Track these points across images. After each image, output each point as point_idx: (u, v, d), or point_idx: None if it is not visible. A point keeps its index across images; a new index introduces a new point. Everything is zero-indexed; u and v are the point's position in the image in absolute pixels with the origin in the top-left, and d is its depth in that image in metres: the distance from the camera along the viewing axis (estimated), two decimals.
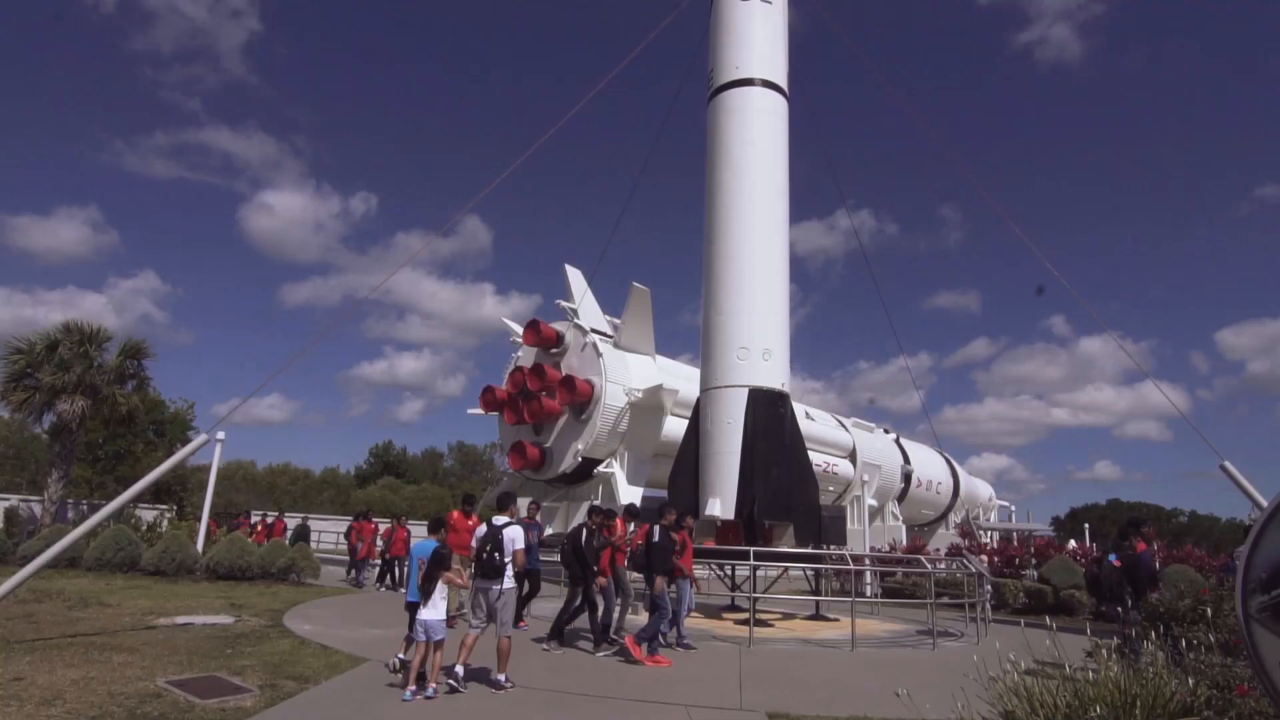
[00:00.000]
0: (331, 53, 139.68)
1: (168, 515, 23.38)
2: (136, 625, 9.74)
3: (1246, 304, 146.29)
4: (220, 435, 18.02)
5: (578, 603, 9.53)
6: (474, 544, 7.23)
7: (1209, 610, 6.06)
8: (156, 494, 29.00)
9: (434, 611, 6.67)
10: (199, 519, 19.09)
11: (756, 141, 14.70)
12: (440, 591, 6.74)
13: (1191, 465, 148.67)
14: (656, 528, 9.63)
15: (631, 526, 11.07)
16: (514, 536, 6.94)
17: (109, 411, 21.85)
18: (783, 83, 15.42)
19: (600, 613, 9.53)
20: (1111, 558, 8.83)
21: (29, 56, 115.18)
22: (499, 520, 7.12)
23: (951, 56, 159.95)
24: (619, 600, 9.89)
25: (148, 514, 23.39)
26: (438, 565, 6.78)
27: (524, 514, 11.04)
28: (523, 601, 10.59)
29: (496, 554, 6.85)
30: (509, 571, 6.90)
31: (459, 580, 7.20)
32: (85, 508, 23.86)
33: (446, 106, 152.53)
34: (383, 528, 19.08)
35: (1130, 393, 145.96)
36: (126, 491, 9.67)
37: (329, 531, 32.80)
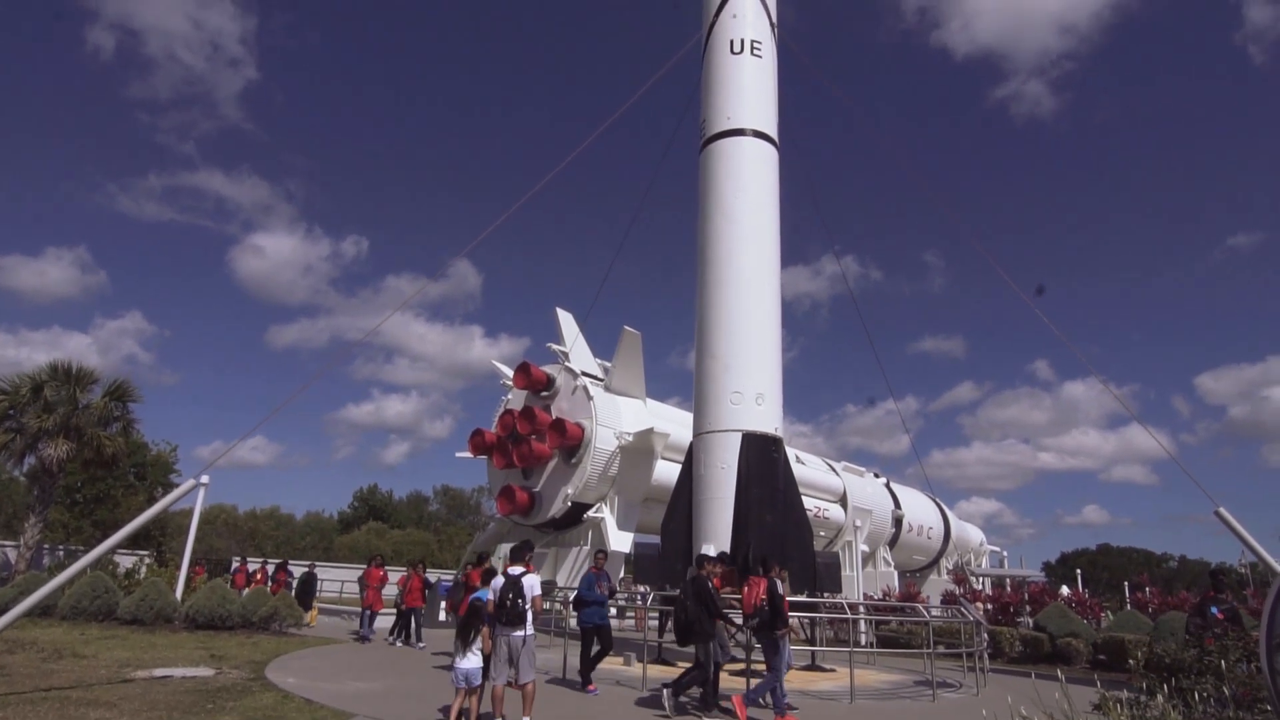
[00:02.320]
0: (327, 100, 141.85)
1: (146, 561, 22.77)
2: (113, 678, 9.41)
3: (1224, 350, 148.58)
4: (204, 479, 17.69)
5: (708, 661, 8.72)
6: (494, 593, 7.43)
7: (1221, 662, 5.97)
8: (135, 539, 28.27)
9: (473, 660, 6.96)
10: (179, 565, 18.58)
11: (748, 189, 14.93)
12: (478, 641, 7.05)
13: (1177, 509, 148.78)
14: (777, 582, 9.19)
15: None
16: (532, 584, 7.25)
17: (91, 454, 21.47)
18: (773, 133, 15.75)
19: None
20: (1214, 610, 9.23)
21: (23, 99, 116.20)
22: (515, 570, 7.34)
23: (933, 109, 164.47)
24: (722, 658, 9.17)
25: (126, 560, 22.80)
26: (475, 615, 7.15)
27: (593, 563, 10.76)
28: (591, 662, 10.06)
29: (520, 600, 7.09)
30: (529, 618, 7.16)
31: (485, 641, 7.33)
32: (62, 553, 23.25)
33: (440, 151, 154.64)
34: (396, 576, 17.80)
35: (1115, 436, 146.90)
36: (108, 539, 9.43)
37: (333, 580, 32.02)
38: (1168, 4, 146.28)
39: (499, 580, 7.40)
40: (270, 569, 20.88)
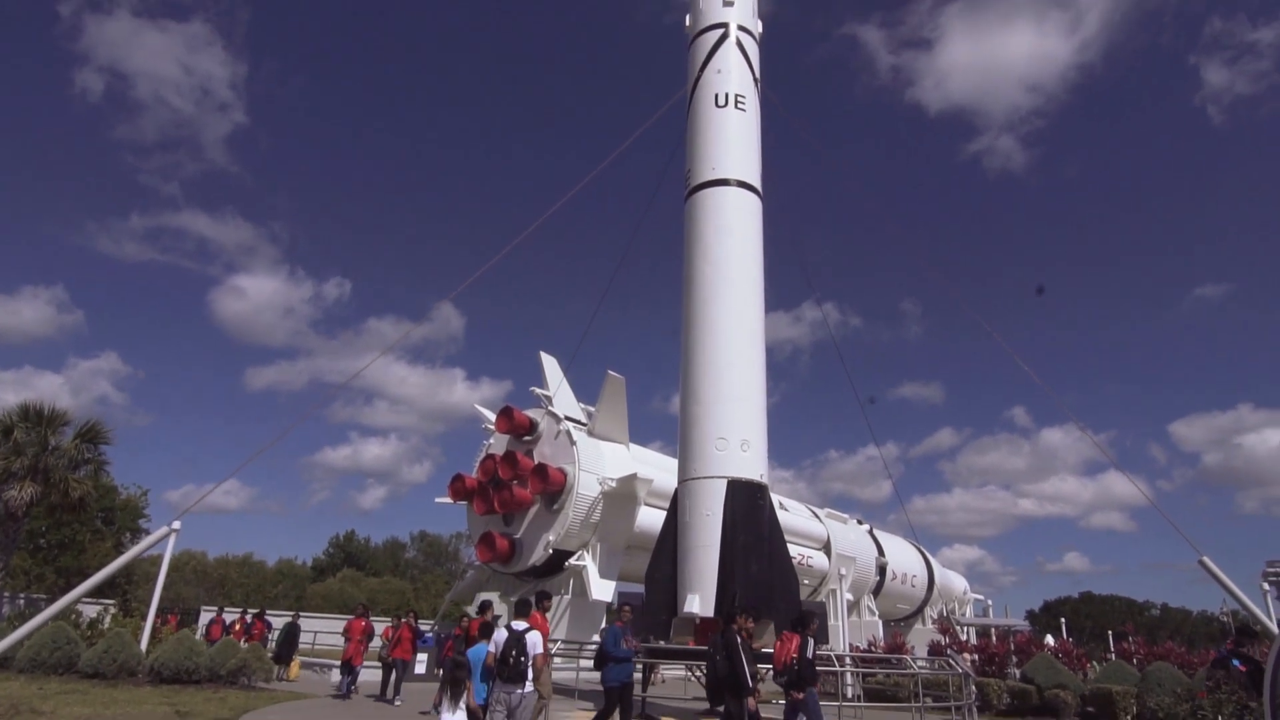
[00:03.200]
0: (314, 144, 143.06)
1: (111, 611, 21.96)
2: None
3: (1196, 397, 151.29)
4: (176, 526, 17.22)
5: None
6: (495, 648, 7.35)
7: (1215, 717, 5.90)
8: (100, 587, 27.34)
9: (460, 716, 6.82)
10: (146, 615, 17.87)
11: (732, 237, 15.15)
12: (464, 698, 6.92)
13: (1157, 556, 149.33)
14: (810, 640, 8.86)
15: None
16: (534, 641, 7.16)
17: (59, 498, 20.85)
18: (756, 183, 16.06)
19: None
20: (1235, 663, 9.27)
21: (3, 137, 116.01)
22: (519, 625, 7.25)
23: (909, 161, 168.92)
24: None
25: (90, 609, 21.99)
26: (461, 669, 7.07)
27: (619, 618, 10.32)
28: None
29: (522, 658, 7.00)
30: (530, 675, 7.09)
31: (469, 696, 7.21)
32: (22, 602, 22.38)
33: (425, 196, 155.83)
34: (382, 627, 16.56)
35: (1093, 483, 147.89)
36: (76, 588, 9.10)
37: (306, 630, 30.71)
38: (1129, 67, 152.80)
39: (501, 634, 7.31)
40: (250, 619, 19.94)
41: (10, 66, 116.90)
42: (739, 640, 8.29)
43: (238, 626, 19.54)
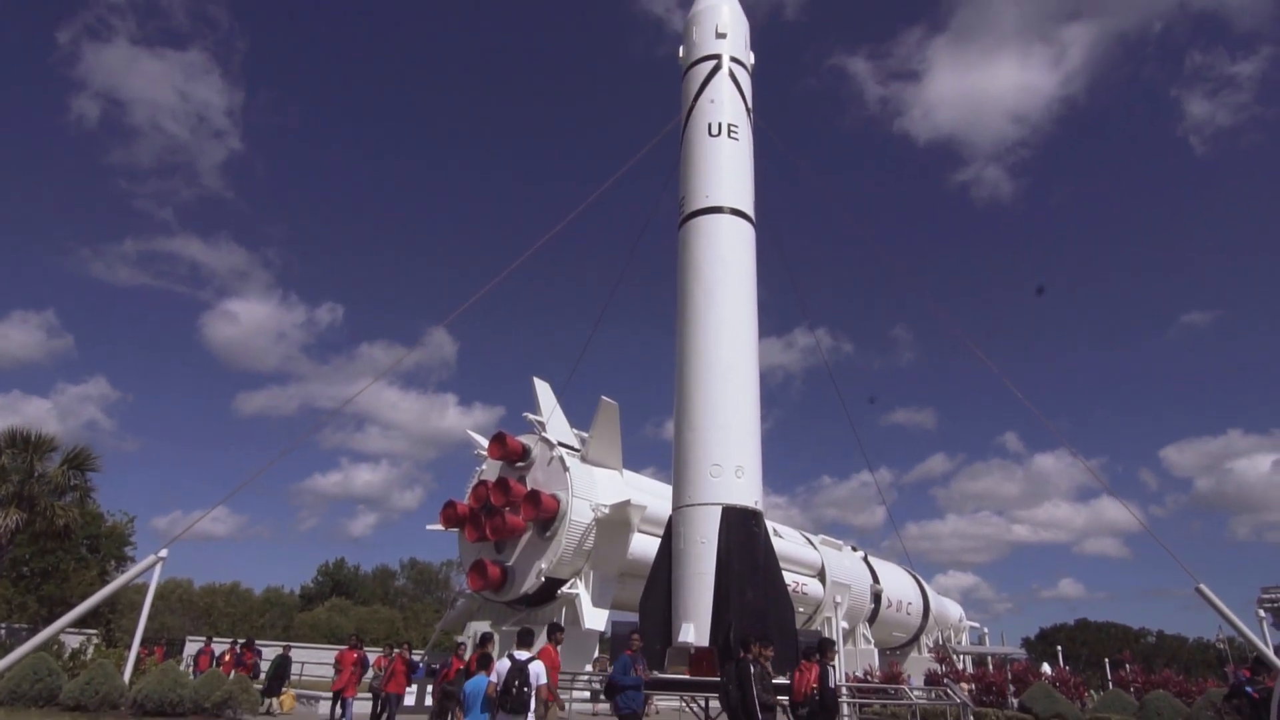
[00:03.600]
0: (309, 170, 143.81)
1: (94, 641, 21.52)
2: None
3: (1186, 422, 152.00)
4: (163, 554, 16.93)
5: None
6: (497, 678, 7.28)
7: None
8: (83, 617, 26.81)
9: None
10: (130, 645, 17.50)
11: (726, 263, 15.22)
12: None
13: (1151, 583, 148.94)
14: (830, 669, 8.57)
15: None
16: (538, 671, 7.12)
17: (44, 525, 20.53)
18: (749, 211, 16.19)
19: None
20: (1249, 690, 9.41)
21: (1, 165, 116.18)
22: (522, 655, 7.20)
23: (899, 190, 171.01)
24: None
25: (72, 639, 21.55)
26: (450, 699, 7.20)
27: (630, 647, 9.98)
28: None
29: (525, 688, 6.95)
30: (532, 705, 7.06)
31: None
32: (3, 631, 21.93)
33: (419, 222, 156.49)
34: (373, 657, 15.80)
35: (1086, 509, 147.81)
36: (62, 618, 8.93)
37: (294, 661, 30.03)
38: (1113, 99, 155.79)
39: (504, 664, 7.23)
40: (239, 649, 19.37)
41: (7, 92, 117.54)
42: (754, 670, 7.97)
43: (227, 657, 19.06)
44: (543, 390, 25.66)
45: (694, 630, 12.67)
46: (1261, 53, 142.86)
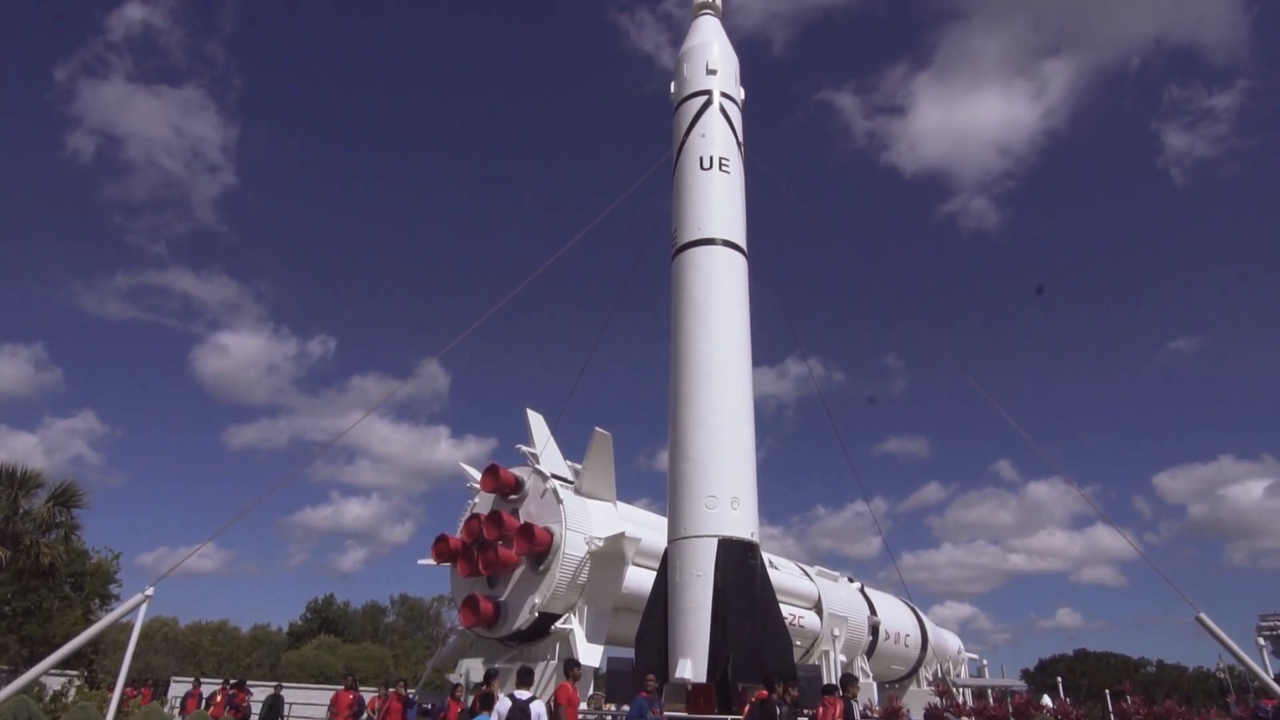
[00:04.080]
0: (303, 204, 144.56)
1: (76, 683, 21.02)
2: None
3: (1177, 449, 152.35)
4: (149, 592, 16.62)
5: None
6: (498, 718, 7.20)
7: None
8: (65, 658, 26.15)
9: None
10: (113, 687, 17.06)
11: (719, 294, 15.34)
12: None
13: (1149, 611, 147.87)
14: (854, 704, 8.39)
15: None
16: (539, 712, 7.07)
17: (28, 563, 20.16)
18: (741, 242, 16.36)
19: None
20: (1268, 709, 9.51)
21: None
22: (522, 695, 7.15)
23: (888, 221, 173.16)
24: None
25: (54, 681, 21.03)
26: None
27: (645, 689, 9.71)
28: None
29: None
30: None
31: None
32: None
33: (413, 254, 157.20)
34: (367, 697, 15.69)
35: (1082, 537, 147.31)
36: (46, 659, 8.73)
37: (294, 703, 29.29)
38: (1094, 132, 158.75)
39: (505, 704, 7.14)
40: (230, 689, 18.78)
41: (2, 128, 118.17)
42: (780, 711, 7.88)
43: (219, 698, 18.53)
44: (536, 422, 25.54)
45: (691, 665, 12.50)
46: (1237, 86, 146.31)
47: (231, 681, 20.46)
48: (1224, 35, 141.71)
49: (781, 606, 16.77)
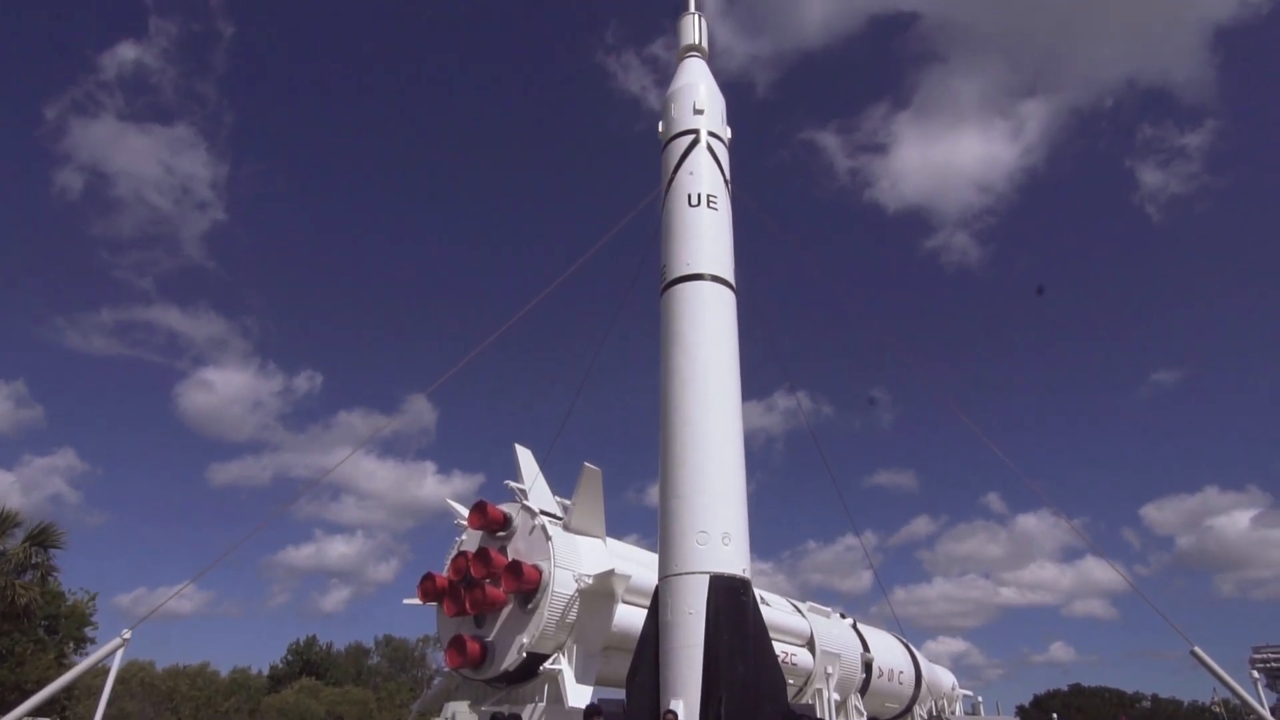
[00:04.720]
0: (291, 241, 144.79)
1: None
2: None
3: (1163, 481, 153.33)
4: (126, 635, 16.20)
5: None
6: None
7: None
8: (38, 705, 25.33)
9: None
10: None
11: (708, 329, 15.41)
12: None
13: (1141, 644, 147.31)
14: None
15: None
16: None
17: (3, 606, 19.63)
18: (730, 278, 16.49)
19: None
20: None
21: None
22: None
23: (872, 256, 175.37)
24: None
25: None
26: None
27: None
28: None
29: None
30: None
31: None
32: None
33: (400, 290, 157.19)
34: None
35: (1072, 570, 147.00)
36: (19, 706, 8.44)
37: None
38: (1071, 169, 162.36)
39: None
40: None
41: None
42: None
43: None
44: (524, 457, 25.32)
45: (684, 706, 12.27)
46: (1207, 125, 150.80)
47: None
48: (1193, 75, 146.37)
49: (775, 644, 16.57)
